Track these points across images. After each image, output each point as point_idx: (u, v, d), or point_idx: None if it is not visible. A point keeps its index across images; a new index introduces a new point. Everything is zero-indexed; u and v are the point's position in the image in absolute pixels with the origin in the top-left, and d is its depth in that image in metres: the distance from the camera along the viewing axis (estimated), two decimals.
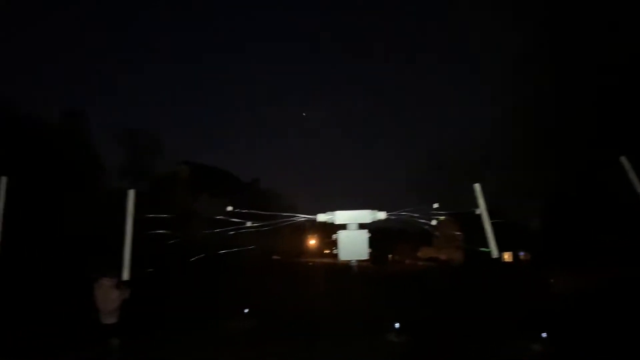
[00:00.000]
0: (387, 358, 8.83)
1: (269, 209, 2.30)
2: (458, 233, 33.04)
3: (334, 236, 2.12)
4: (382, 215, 2.21)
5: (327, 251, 64.87)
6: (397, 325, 10.51)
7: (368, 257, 2.16)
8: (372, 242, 2.16)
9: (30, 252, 12.73)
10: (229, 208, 2.19)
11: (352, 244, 2.13)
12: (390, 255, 55.89)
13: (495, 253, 2.14)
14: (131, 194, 2.33)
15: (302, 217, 2.19)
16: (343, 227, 2.17)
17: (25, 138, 19.36)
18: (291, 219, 2.22)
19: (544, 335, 10.05)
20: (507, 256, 43.66)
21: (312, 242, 65.92)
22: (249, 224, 2.26)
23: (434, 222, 2.36)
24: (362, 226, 2.19)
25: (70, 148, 23.06)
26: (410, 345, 9.97)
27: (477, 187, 2.28)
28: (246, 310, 11.73)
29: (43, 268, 13.52)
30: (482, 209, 2.23)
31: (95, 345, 5.90)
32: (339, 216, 2.15)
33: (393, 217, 2.28)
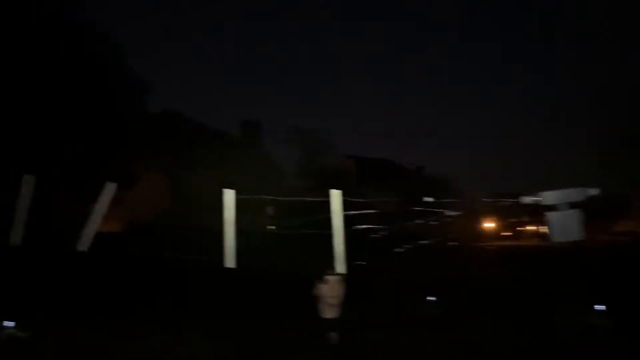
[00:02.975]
0: (583, 341, 8.09)
1: (437, 196, 2.32)
2: None
3: (545, 214, 2.05)
4: (594, 191, 2.06)
5: (504, 233, 60.68)
6: (597, 307, 9.57)
7: (581, 238, 2.04)
8: None
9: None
10: (430, 199, 2.29)
11: (564, 225, 2.04)
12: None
13: None
14: (336, 194, 2.59)
15: (506, 200, 2.17)
16: (550, 208, 2.09)
17: (212, 148, 22.40)
18: (496, 203, 2.20)
19: None
20: None
21: (488, 225, 62.60)
22: (447, 212, 2.31)
23: None
24: (571, 206, 2.07)
25: (250, 154, 26.06)
26: (609, 328, 8.99)
27: None
28: (431, 298, 11.74)
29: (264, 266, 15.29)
30: None
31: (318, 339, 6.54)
32: (547, 196, 2.07)
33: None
